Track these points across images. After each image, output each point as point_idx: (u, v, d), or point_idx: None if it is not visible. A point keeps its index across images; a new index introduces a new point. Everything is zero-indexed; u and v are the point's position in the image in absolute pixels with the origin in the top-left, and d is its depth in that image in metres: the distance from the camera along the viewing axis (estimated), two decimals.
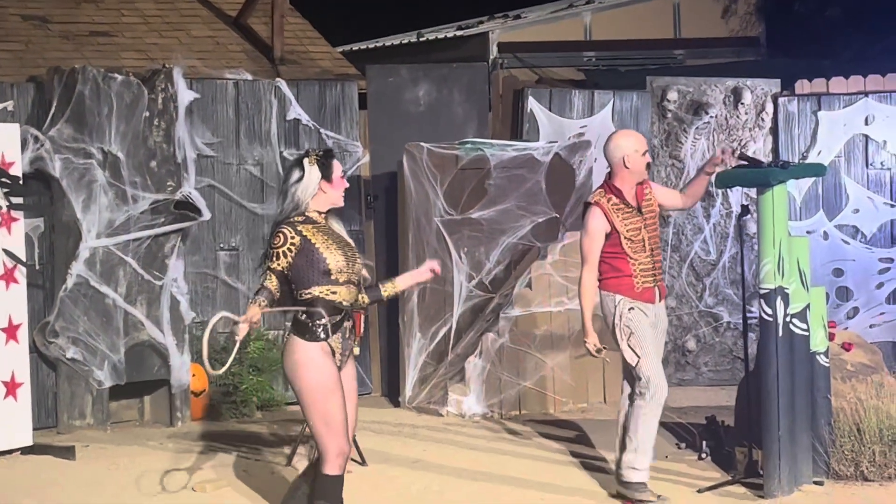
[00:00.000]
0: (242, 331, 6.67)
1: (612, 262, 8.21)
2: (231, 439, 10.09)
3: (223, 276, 11.27)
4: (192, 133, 10.96)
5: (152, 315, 10.54)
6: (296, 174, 6.86)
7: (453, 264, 11.28)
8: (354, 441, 9.40)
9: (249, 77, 11.63)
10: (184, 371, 10.57)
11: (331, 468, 6.79)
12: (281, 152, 11.50)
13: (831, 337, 9.12)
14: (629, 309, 8.22)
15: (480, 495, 8.60)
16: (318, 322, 6.73)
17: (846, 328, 11.71)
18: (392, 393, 11.73)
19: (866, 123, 12.57)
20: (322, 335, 6.73)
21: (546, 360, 11.20)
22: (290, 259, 6.71)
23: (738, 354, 12.22)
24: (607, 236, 8.18)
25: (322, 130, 11.64)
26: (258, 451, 9.75)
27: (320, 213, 6.89)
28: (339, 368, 6.83)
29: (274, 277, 6.73)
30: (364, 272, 7.00)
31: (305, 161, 6.88)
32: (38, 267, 10.26)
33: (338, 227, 6.98)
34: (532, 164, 11.60)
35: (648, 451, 8.30)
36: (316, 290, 6.74)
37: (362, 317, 9.61)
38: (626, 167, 8.20)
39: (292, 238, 6.72)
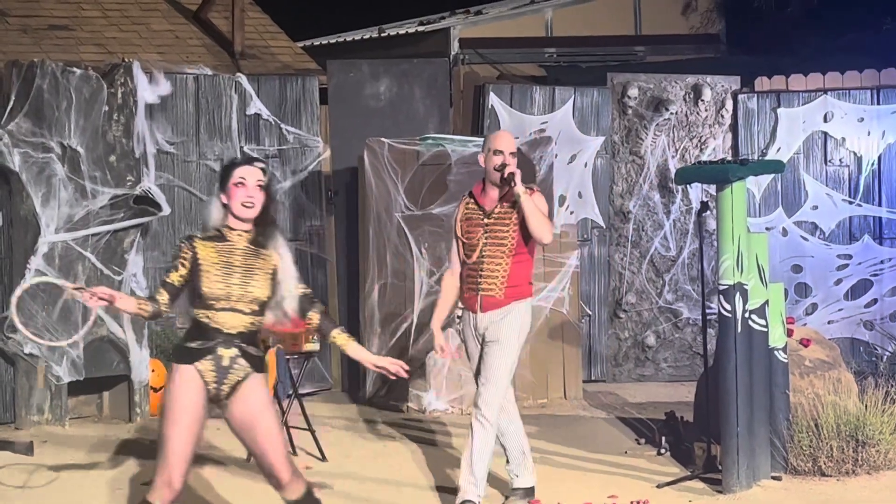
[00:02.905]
0: (77, 295, 6.24)
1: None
2: None
3: None
4: (151, 128, 10.91)
5: (111, 310, 10.47)
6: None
7: (414, 260, 11.27)
8: (314, 436, 9.41)
9: (209, 72, 11.59)
10: (143, 367, 10.53)
11: (152, 496, 6.30)
12: (241, 147, 11.46)
13: (790, 333, 9.16)
14: (458, 316, 8.12)
15: (440, 489, 8.60)
16: (185, 343, 6.37)
17: (805, 324, 11.77)
18: (352, 388, 11.72)
19: (825, 120, 12.63)
20: (183, 358, 6.33)
21: None
22: (182, 274, 6.33)
23: (698, 350, 12.27)
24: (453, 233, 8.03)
25: (282, 125, 11.62)
26: (218, 447, 9.72)
27: (236, 229, 6.38)
28: (217, 399, 6.37)
29: (164, 292, 6.34)
30: (294, 309, 6.47)
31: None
32: None
33: (267, 252, 6.40)
34: None
35: (468, 466, 7.90)
36: (195, 311, 6.35)
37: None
38: (482, 166, 7.95)
39: (184, 253, 6.33)
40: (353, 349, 6.57)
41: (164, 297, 6.33)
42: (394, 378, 6.63)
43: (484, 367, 7.90)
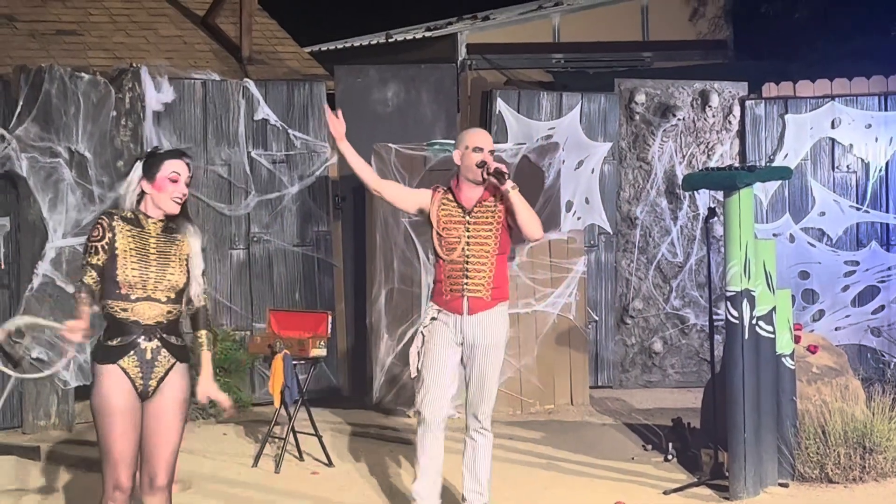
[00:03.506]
0: (74, 337, 6.10)
1: (435, 267, 7.74)
2: (197, 440, 10.06)
3: None
4: (159, 133, 10.93)
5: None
6: (128, 171, 6.38)
7: (421, 265, 11.27)
8: (321, 441, 9.42)
9: (217, 77, 11.59)
10: None
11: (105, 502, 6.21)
12: (249, 153, 11.47)
13: (797, 339, 9.16)
14: (432, 318, 7.66)
15: (446, 496, 8.59)
16: (105, 342, 6.22)
17: (812, 331, 11.75)
18: (359, 394, 11.72)
19: (833, 127, 12.62)
20: (105, 357, 6.20)
21: (513, 361, 11.21)
22: (102, 258, 6.20)
23: (705, 356, 12.26)
24: (428, 225, 7.71)
25: (290, 131, 11.63)
26: (225, 452, 9.73)
27: (152, 217, 6.29)
28: (146, 395, 6.24)
29: (94, 272, 6.19)
30: (196, 295, 6.35)
31: (137, 160, 6.39)
32: (3, 266, 10.22)
33: (188, 232, 6.35)
34: None
35: (423, 478, 7.74)
36: (108, 304, 6.21)
37: (328, 317, 9.64)
38: (458, 165, 7.69)
39: (106, 235, 6.20)
40: (204, 356, 6.48)
41: (94, 277, 6.19)
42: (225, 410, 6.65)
43: (475, 376, 7.65)
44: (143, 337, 6.21)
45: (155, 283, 6.22)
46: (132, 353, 6.20)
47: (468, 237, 7.59)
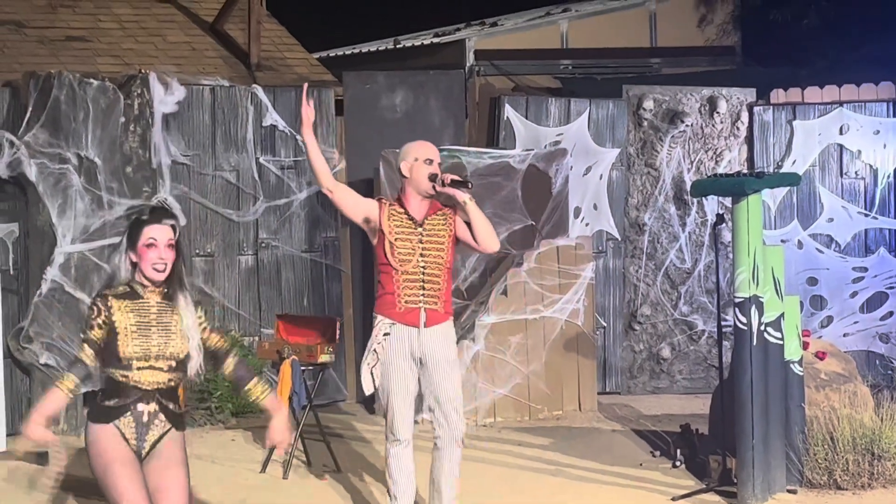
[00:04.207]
0: (31, 435, 6.08)
1: (380, 279, 7.54)
2: (205, 446, 10.07)
3: (199, 282, 11.26)
4: (167, 139, 10.94)
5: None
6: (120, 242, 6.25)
7: None
8: (329, 447, 9.42)
9: (226, 83, 11.61)
10: None
11: None
12: (257, 158, 11.49)
13: (805, 346, 9.16)
14: (385, 334, 7.50)
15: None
16: (102, 403, 6.14)
17: (820, 337, 11.75)
18: (367, 400, 11.72)
19: (841, 133, 12.61)
20: (101, 417, 6.12)
21: (521, 367, 11.21)
22: (100, 335, 6.10)
23: (713, 363, 12.25)
24: (375, 237, 7.53)
25: (298, 137, 11.63)
26: (233, 458, 9.74)
27: (148, 286, 6.17)
28: (139, 455, 6.16)
29: (89, 348, 6.12)
30: (215, 342, 6.29)
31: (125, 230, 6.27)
32: (12, 272, 10.24)
33: (179, 304, 6.19)
34: (508, 172, 11.62)
35: (403, 499, 7.62)
36: (110, 371, 6.14)
37: (337, 323, 9.65)
38: (405, 176, 7.50)
39: (101, 316, 6.10)
40: (270, 401, 6.40)
41: (90, 354, 6.14)
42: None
43: (440, 391, 7.51)
44: (141, 400, 6.16)
45: (157, 354, 6.15)
46: (128, 414, 6.15)
47: (422, 248, 7.44)
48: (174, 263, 6.18)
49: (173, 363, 6.18)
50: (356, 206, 7.57)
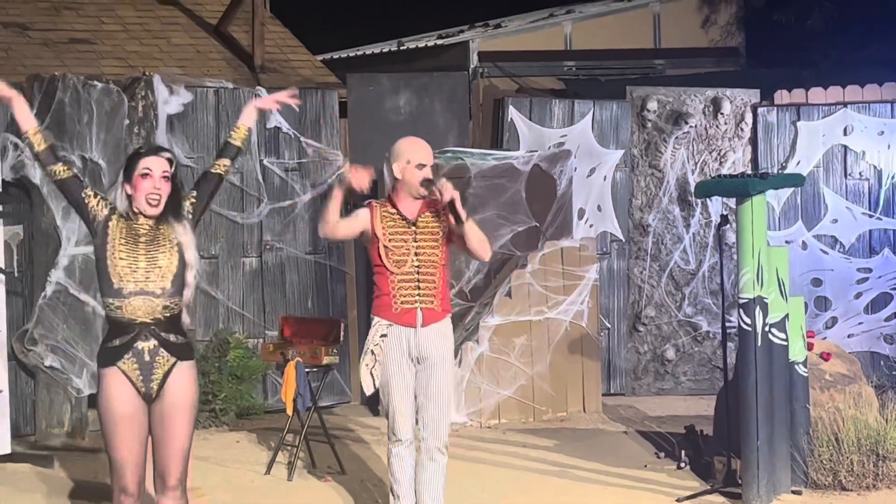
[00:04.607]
0: None
1: (376, 280, 7.51)
2: (210, 447, 10.07)
3: (203, 284, 11.26)
4: (171, 141, 10.95)
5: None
6: None
7: None
8: (333, 449, 9.42)
9: (230, 85, 11.61)
10: None
11: None
12: (261, 160, 11.49)
13: (810, 347, 9.15)
14: (381, 336, 7.48)
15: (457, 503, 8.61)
16: (106, 344, 6.22)
17: (825, 338, 11.74)
18: (371, 401, 11.71)
19: (845, 134, 12.61)
20: (106, 360, 6.19)
21: (526, 369, 11.22)
22: (93, 203, 6.22)
23: (718, 364, 12.24)
24: (369, 242, 7.49)
25: (302, 139, 11.65)
26: (237, 460, 9.74)
27: (141, 214, 6.23)
28: (149, 398, 6.23)
29: (71, 174, 6.26)
30: (189, 278, 6.27)
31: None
32: (17, 274, 10.24)
33: (167, 228, 6.26)
34: (512, 173, 11.62)
35: (406, 500, 7.57)
36: (105, 302, 6.20)
37: (341, 325, 9.65)
38: (396, 178, 7.44)
39: (106, 205, 6.24)
40: (247, 117, 6.69)
41: (66, 173, 6.26)
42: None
43: (433, 393, 7.47)
44: (140, 336, 6.17)
45: (146, 272, 6.16)
46: (129, 354, 6.17)
47: (416, 248, 7.41)
48: (168, 198, 6.24)
49: (166, 284, 6.18)
50: (352, 229, 7.51)
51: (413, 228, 7.42)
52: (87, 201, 6.26)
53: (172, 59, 13.92)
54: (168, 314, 6.21)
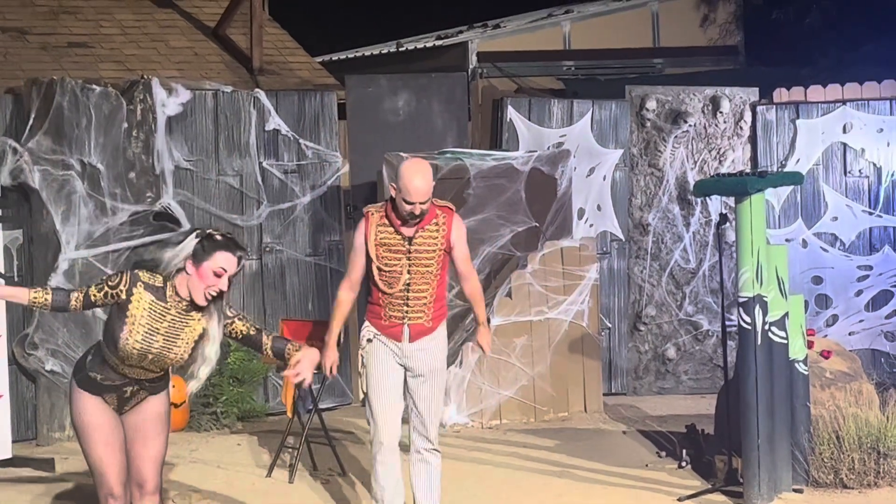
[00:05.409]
0: None
1: (370, 285, 7.48)
2: (211, 450, 10.07)
3: None
4: (170, 144, 10.95)
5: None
6: (182, 238, 6.22)
7: None
8: (334, 450, 9.42)
9: (228, 88, 11.61)
10: None
11: None
12: (260, 163, 11.48)
13: (810, 345, 9.15)
14: (368, 340, 7.48)
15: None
16: (90, 373, 6.29)
17: (825, 336, 11.74)
18: None
19: (844, 131, 12.60)
20: (86, 386, 6.28)
21: (526, 369, 11.21)
22: (107, 302, 6.14)
23: (718, 363, 12.24)
24: (364, 253, 7.44)
25: (301, 141, 11.64)
26: (239, 463, 9.74)
27: (180, 296, 6.18)
28: (121, 412, 6.36)
29: (82, 299, 6.16)
30: (243, 329, 6.33)
31: (196, 233, 6.21)
32: (16, 278, 10.24)
33: (202, 324, 6.20)
34: (512, 174, 11.62)
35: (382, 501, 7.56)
36: (105, 346, 6.24)
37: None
38: (391, 195, 7.38)
39: (119, 292, 6.13)
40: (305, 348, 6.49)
41: (78, 301, 6.18)
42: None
43: (423, 400, 7.47)
44: (127, 385, 6.33)
45: (153, 360, 6.23)
46: (113, 392, 6.32)
47: (409, 265, 7.34)
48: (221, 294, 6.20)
49: (167, 368, 6.35)
50: (363, 265, 7.46)
51: (408, 246, 7.35)
52: (101, 304, 6.22)
53: (171, 62, 13.94)
54: (159, 375, 6.39)
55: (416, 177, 7.24)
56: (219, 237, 6.19)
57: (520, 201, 11.61)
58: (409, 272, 7.33)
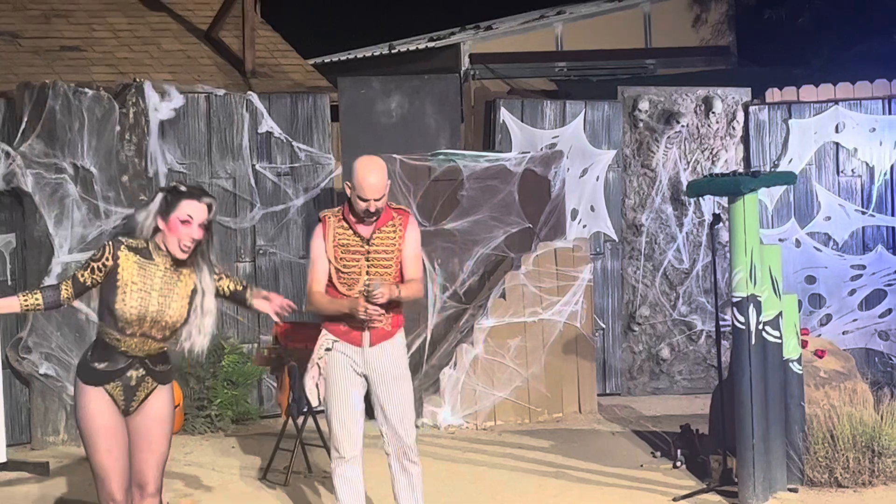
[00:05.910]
0: None
1: (330, 289, 7.34)
2: (205, 453, 10.07)
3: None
4: (163, 147, 10.94)
5: None
6: (153, 197, 6.27)
7: (427, 275, 11.28)
8: (329, 453, 9.40)
9: (221, 91, 11.60)
10: None
11: None
12: (253, 165, 11.48)
13: (804, 344, 9.16)
14: (327, 349, 7.36)
15: None
16: (92, 364, 6.26)
17: (819, 335, 11.74)
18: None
19: (837, 131, 12.61)
20: (90, 378, 6.24)
21: (521, 370, 11.21)
22: (96, 277, 6.14)
23: (713, 362, 12.25)
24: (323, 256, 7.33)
25: (294, 143, 11.64)
26: (233, 466, 9.73)
27: (163, 250, 6.21)
28: (128, 412, 6.33)
29: (71, 287, 6.17)
30: (230, 285, 6.47)
31: (164, 188, 6.30)
32: (10, 282, 10.23)
33: (193, 278, 6.27)
34: (505, 175, 11.62)
35: None
36: (102, 328, 6.23)
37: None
38: (347, 195, 7.31)
39: (106, 260, 6.13)
40: (257, 303, 6.70)
41: (69, 290, 6.19)
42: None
43: (395, 409, 7.38)
44: (130, 367, 6.28)
45: (152, 322, 6.22)
46: (117, 380, 6.27)
47: (368, 267, 7.27)
48: (198, 242, 6.24)
49: (167, 332, 6.28)
50: (326, 270, 7.35)
51: (366, 247, 7.27)
52: (91, 282, 6.21)
53: (163, 65, 13.93)
54: (161, 350, 6.35)
55: (371, 174, 7.18)
56: (183, 188, 6.26)
57: (513, 202, 11.61)
58: (367, 273, 7.25)
